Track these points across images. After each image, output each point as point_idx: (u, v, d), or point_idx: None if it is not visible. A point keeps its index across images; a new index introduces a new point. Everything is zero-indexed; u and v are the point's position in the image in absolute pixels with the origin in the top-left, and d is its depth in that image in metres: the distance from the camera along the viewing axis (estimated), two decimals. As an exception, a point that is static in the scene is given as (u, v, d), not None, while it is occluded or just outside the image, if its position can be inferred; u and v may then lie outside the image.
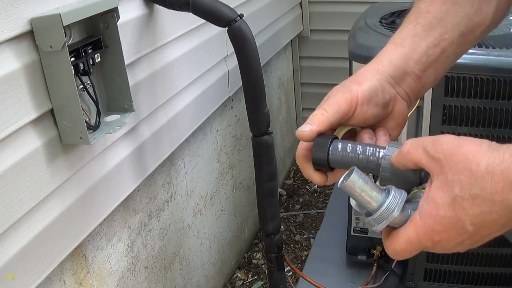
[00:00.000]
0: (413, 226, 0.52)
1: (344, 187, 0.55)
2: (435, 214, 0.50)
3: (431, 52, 0.63)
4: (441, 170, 0.50)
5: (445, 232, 0.51)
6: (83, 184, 1.08)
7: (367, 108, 0.61)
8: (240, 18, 1.21)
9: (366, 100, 0.61)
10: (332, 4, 2.59)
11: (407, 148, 0.54)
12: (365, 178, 0.55)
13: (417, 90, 0.65)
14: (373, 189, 0.55)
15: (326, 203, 2.50)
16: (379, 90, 0.62)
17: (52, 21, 0.88)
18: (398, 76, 0.63)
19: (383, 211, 0.54)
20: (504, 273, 1.49)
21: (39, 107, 0.93)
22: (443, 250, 0.53)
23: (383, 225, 0.54)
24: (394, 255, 0.56)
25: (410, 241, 0.53)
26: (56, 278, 1.08)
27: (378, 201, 0.55)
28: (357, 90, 0.61)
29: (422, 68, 0.64)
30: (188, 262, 1.73)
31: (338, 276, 1.76)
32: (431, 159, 0.52)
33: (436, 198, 0.50)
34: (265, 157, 1.36)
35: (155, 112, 1.35)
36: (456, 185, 0.49)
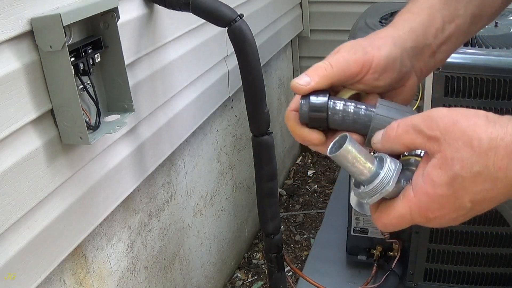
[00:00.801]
0: (407, 202, 0.49)
1: (335, 157, 0.50)
2: (432, 193, 0.47)
3: (446, 27, 0.60)
4: (438, 148, 0.47)
5: (440, 210, 0.48)
6: (83, 184, 1.08)
7: (379, 77, 0.56)
8: (240, 18, 1.21)
9: (380, 68, 0.55)
10: (332, 4, 2.59)
11: (395, 131, 0.50)
12: (358, 147, 0.50)
13: (429, 67, 0.62)
14: (366, 159, 0.50)
15: (326, 203, 2.49)
16: (397, 60, 0.57)
17: (52, 21, 0.88)
18: (418, 47, 0.59)
19: (377, 185, 0.49)
20: (504, 273, 1.49)
21: (39, 107, 0.93)
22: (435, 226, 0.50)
23: (375, 199, 0.50)
24: (382, 228, 0.52)
25: (402, 217, 0.50)
26: (56, 278, 1.08)
27: (371, 172, 0.50)
28: (373, 55, 0.55)
29: (438, 43, 0.60)
30: (188, 262, 1.73)
31: (338, 276, 1.76)
32: (426, 139, 0.47)
33: (433, 176, 0.47)
34: (265, 157, 1.36)
35: (155, 112, 1.35)
36: (456, 163, 0.45)
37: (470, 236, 1.45)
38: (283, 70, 2.65)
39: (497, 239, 1.44)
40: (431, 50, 0.60)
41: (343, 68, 0.54)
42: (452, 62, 1.27)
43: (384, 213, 0.51)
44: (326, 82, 0.54)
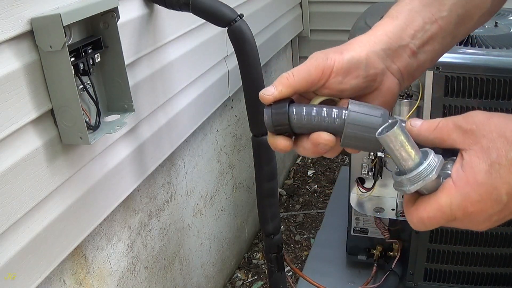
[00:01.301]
0: (447, 193, 0.50)
1: (383, 139, 0.51)
2: (473, 181, 0.48)
3: (428, 28, 0.60)
4: (475, 140, 0.49)
5: (480, 202, 0.49)
6: (83, 184, 1.08)
7: (343, 80, 0.57)
8: (240, 18, 1.21)
9: (342, 71, 0.57)
10: (332, 4, 2.59)
11: (436, 123, 0.52)
12: (407, 134, 0.51)
13: (412, 68, 0.62)
14: (413, 147, 0.51)
15: (326, 203, 2.49)
16: (362, 63, 0.58)
17: (52, 21, 0.88)
18: (391, 49, 0.60)
19: (421, 171, 0.50)
20: (504, 273, 1.49)
21: (39, 107, 0.93)
22: (470, 224, 0.51)
23: (417, 187, 0.51)
24: (418, 224, 0.52)
25: (442, 209, 0.50)
26: (56, 278, 1.08)
27: (415, 161, 0.51)
28: (334, 59, 0.57)
29: (418, 44, 0.61)
30: (188, 262, 1.73)
31: (338, 276, 1.76)
32: (462, 132, 0.50)
33: (472, 164, 0.49)
34: (265, 157, 1.36)
35: (155, 112, 1.35)
36: (492, 152, 0.48)
37: (470, 236, 1.45)
38: (283, 70, 2.65)
39: (497, 239, 1.44)
40: (410, 51, 0.61)
41: (304, 76, 0.57)
42: (452, 62, 1.27)
43: (421, 206, 0.51)
44: (288, 90, 0.57)
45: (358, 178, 1.61)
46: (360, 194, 1.62)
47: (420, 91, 1.33)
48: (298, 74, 0.57)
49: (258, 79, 1.27)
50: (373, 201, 1.62)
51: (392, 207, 1.59)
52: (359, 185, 1.61)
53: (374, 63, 0.59)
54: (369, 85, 0.60)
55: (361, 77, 0.58)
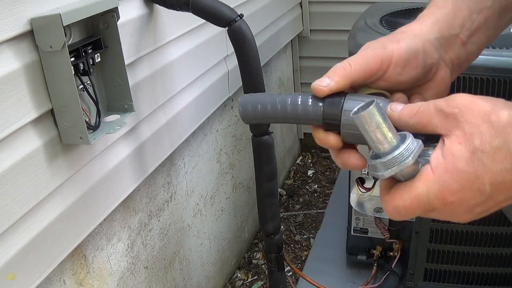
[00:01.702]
0: (424, 181, 0.46)
1: (358, 118, 0.47)
2: (452, 168, 0.45)
3: (474, 18, 0.58)
4: (456, 125, 0.46)
5: (460, 192, 0.45)
6: (83, 184, 1.08)
7: (402, 71, 0.54)
8: (240, 18, 1.21)
9: (402, 61, 0.54)
10: (332, 4, 2.59)
11: (417, 107, 0.49)
12: (384, 115, 0.48)
13: (461, 58, 0.59)
14: (389, 129, 0.47)
15: (326, 203, 2.50)
16: (420, 52, 0.55)
17: (52, 21, 0.88)
18: (444, 37, 0.57)
19: (396, 156, 0.47)
20: (504, 273, 1.49)
21: (39, 107, 0.93)
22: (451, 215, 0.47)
23: (391, 172, 0.47)
24: (393, 213, 0.49)
25: (418, 198, 0.46)
26: (56, 278, 1.08)
27: (391, 144, 0.47)
28: (393, 49, 0.54)
29: (467, 34, 0.58)
30: (188, 262, 1.73)
31: (338, 276, 1.76)
32: (444, 117, 0.47)
33: (453, 150, 0.45)
34: (265, 157, 1.36)
35: (155, 112, 1.35)
36: (476, 138, 0.44)
37: (470, 236, 1.45)
38: (283, 70, 2.65)
39: (497, 239, 1.44)
40: (461, 41, 0.58)
41: (362, 66, 0.53)
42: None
43: (397, 194, 0.48)
44: (345, 82, 0.53)
45: (358, 178, 1.61)
46: (360, 194, 1.62)
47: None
48: (355, 64, 0.53)
49: (258, 79, 1.27)
50: (373, 201, 1.62)
51: (392, 207, 1.58)
52: (359, 185, 1.61)
53: (430, 53, 0.56)
54: (425, 77, 0.57)
55: (420, 67, 0.55)
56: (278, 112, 0.54)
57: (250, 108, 0.55)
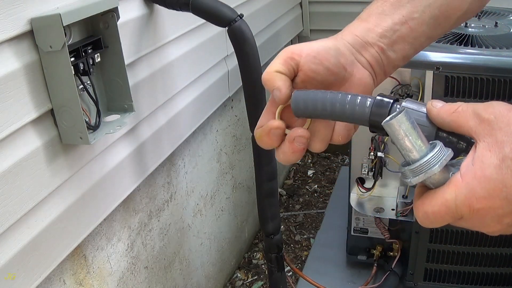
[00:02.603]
0: (453, 187, 0.47)
1: (387, 126, 0.50)
2: (480, 175, 0.46)
3: (397, 28, 0.61)
4: (490, 131, 0.47)
5: (487, 199, 0.46)
6: (83, 184, 1.08)
7: (314, 60, 0.58)
8: (240, 18, 1.21)
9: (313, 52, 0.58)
10: (332, 4, 2.59)
11: (456, 107, 0.50)
12: (414, 123, 0.49)
13: (382, 63, 0.62)
14: (418, 137, 0.49)
15: (326, 203, 2.49)
16: (331, 50, 0.59)
17: (52, 21, 0.88)
18: (358, 44, 0.61)
19: (424, 163, 0.48)
20: (504, 273, 1.49)
21: (39, 107, 0.93)
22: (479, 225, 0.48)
23: (419, 179, 0.49)
24: (423, 219, 0.50)
25: (446, 204, 0.47)
26: (56, 278, 1.08)
27: (421, 152, 0.49)
28: (302, 45, 0.59)
29: (387, 42, 0.61)
30: (188, 262, 1.73)
31: (338, 276, 1.76)
32: (479, 121, 0.48)
33: (483, 157, 0.46)
34: (265, 157, 1.36)
35: (155, 112, 1.35)
36: (506, 146, 0.45)
37: (470, 236, 1.45)
38: (283, 70, 2.65)
39: (497, 239, 1.44)
40: (378, 47, 0.62)
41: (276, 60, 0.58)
42: (452, 62, 1.27)
43: (427, 200, 0.49)
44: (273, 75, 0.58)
45: (358, 178, 1.61)
46: (360, 194, 1.62)
47: (420, 91, 1.33)
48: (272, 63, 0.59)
49: (258, 79, 1.27)
50: (373, 201, 1.62)
51: (392, 207, 1.59)
52: (359, 185, 1.61)
53: (343, 53, 0.60)
54: (340, 73, 0.60)
55: (331, 61, 0.59)
56: (327, 110, 0.56)
57: (302, 105, 0.57)
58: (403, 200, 1.58)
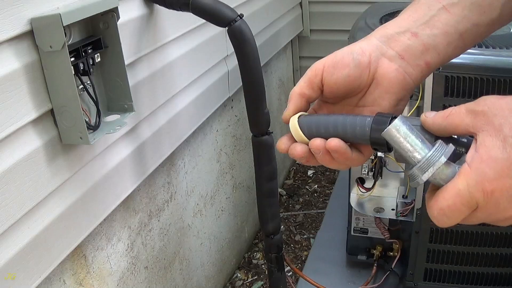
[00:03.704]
0: (463, 176, 0.48)
1: (386, 134, 0.52)
2: (486, 157, 0.47)
3: (434, 13, 0.59)
4: (486, 120, 0.48)
5: (498, 180, 0.46)
6: (83, 184, 1.08)
7: (334, 70, 0.59)
8: (240, 18, 1.21)
9: (332, 63, 0.59)
10: (332, 4, 2.60)
11: (449, 111, 0.52)
12: (411, 127, 0.51)
13: (416, 50, 0.60)
14: (418, 137, 0.51)
15: (326, 203, 2.50)
16: (353, 53, 0.59)
17: (52, 21, 0.87)
18: (386, 36, 0.60)
19: (429, 157, 0.50)
20: (504, 273, 1.49)
21: (39, 107, 0.93)
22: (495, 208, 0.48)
23: (429, 174, 0.50)
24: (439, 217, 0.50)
25: (460, 194, 0.48)
26: (56, 278, 1.08)
27: (423, 151, 0.51)
28: (327, 57, 0.60)
29: (421, 27, 0.59)
30: (188, 262, 1.73)
31: (338, 276, 1.76)
32: (475, 116, 0.49)
33: (485, 143, 0.48)
34: (265, 157, 1.36)
35: (155, 112, 1.35)
36: (505, 127, 0.47)
37: (470, 236, 1.45)
38: (283, 70, 2.66)
39: (497, 239, 1.44)
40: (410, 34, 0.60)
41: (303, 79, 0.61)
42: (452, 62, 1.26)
43: (440, 196, 0.50)
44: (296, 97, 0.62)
45: (358, 178, 1.61)
46: (360, 194, 1.62)
47: (420, 91, 1.33)
48: (301, 81, 0.61)
49: (258, 79, 1.27)
50: (373, 201, 1.62)
51: (392, 207, 1.59)
52: (359, 185, 1.61)
53: (366, 51, 0.60)
54: (363, 74, 0.59)
55: (351, 66, 0.59)
56: (330, 133, 0.58)
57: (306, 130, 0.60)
58: (403, 200, 1.58)
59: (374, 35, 0.61)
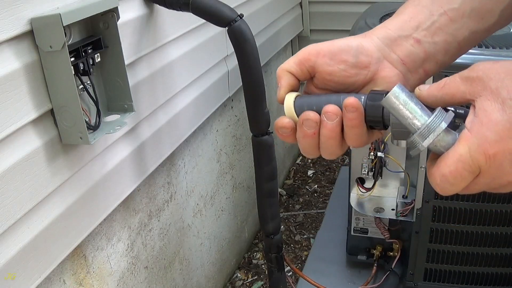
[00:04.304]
0: (463, 141, 0.47)
1: (385, 101, 0.51)
2: (487, 121, 0.47)
3: (435, 19, 0.59)
4: (483, 85, 0.48)
5: (499, 142, 0.46)
6: (83, 184, 1.08)
7: (330, 61, 0.58)
8: (240, 18, 1.21)
9: (329, 53, 0.58)
10: (332, 4, 2.60)
11: (443, 81, 0.51)
12: (409, 93, 0.51)
13: (417, 58, 0.60)
14: (418, 104, 0.51)
15: (326, 203, 2.50)
16: (352, 48, 0.58)
17: (52, 21, 0.87)
18: (389, 38, 0.59)
19: (430, 123, 0.49)
20: (504, 273, 1.49)
21: (39, 107, 0.93)
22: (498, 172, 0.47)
23: (429, 140, 0.49)
24: (441, 184, 0.50)
25: (461, 159, 0.47)
26: (56, 278, 1.08)
27: (423, 117, 0.50)
28: (323, 44, 0.59)
29: (424, 34, 0.59)
30: (188, 262, 1.73)
31: (338, 276, 1.76)
32: (470, 82, 0.49)
33: (484, 107, 0.47)
34: (265, 157, 1.36)
35: (155, 112, 1.35)
36: (502, 90, 0.47)
37: (470, 236, 1.45)
38: (283, 70, 2.65)
39: (497, 239, 1.44)
40: (413, 40, 0.59)
41: (293, 58, 0.59)
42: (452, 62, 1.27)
43: (442, 162, 0.49)
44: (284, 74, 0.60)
45: (358, 178, 1.61)
46: (360, 194, 1.62)
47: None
48: (290, 61, 0.60)
49: (258, 79, 1.27)
50: (373, 201, 1.62)
51: (392, 207, 1.59)
52: (359, 185, 1.61)
53: (367, 51, 0.59)
54: (360, 73, 0.59)
55: (349, 62, 0.58)
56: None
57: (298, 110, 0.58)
58: (403, 200, 1.58)
59: (376, 34, 0.60)
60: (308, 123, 0.56)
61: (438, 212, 1.45)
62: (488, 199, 1.39)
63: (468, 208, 1.41)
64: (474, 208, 1.41)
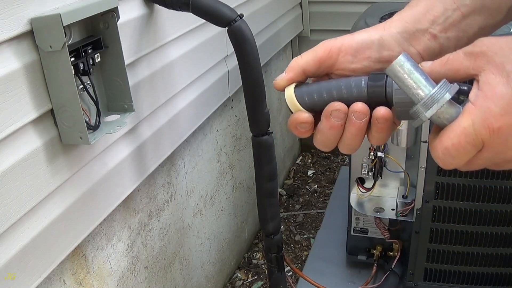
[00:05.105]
0: (467, 114, 0.47)
1: (389, 70, 0.50)
2: (491, 94, 0.46)
3: (449, 14, 0.59)
4: (487, 60, 0.47)
5: (504, 116, 0.45)
6: (83, 184, 1.08)
7: (353, 59, 0.57)
8: (240, 18, 1.21)
9: (352, 50, 0.57)
10: (332, 4, 2.60)
11: (446, 57, 0.51)
12: (415, 63, 0.50)
13: (434, 52, 0.59)
14: (423, 74, 0.50)
15: (326, 203, 2.50)
16: (374, 43, 0.57)
17: (52, 21, 0.88)
18: (408, 32, 0.59)
19: (434, 94, 0.48)
20: (504, 273, 1.49)
21: (39, 107, 0.93)
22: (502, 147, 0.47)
23: (433, 111, 0.48)
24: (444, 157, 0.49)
25: (465, 132, 0.46)
26: (56, 278, 1.08)
27: (427, 87, 0.49)
28: (343, 40, 0.57)
29: (439, 29, 0.59)
30: (188, 262, 1.73)
31: (338, 276, 1.76)
32: (474, 57, 0.48)
33: (489, 81, 0.46)
34: (265, 157, 1.36)
35: (155, 112, 1.35)
36: (507, 64, 0.46)
37: (470, 236, 1.45)
38: (283, 70, 2.64)
39: (497, 239, 1.44)
40: (430, 35, 0.59)
41: (311, 55, 0.58)
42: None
43: (445, 135, 0.48)
44: (296, 71, 0.58)
45: (358, 178, 1.61)
46: (360, 194, 1.62)
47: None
48: (306, 54, 0.58)
49: (258, 79, 1.27)
50: (373, 201, 1.62)
51: (392, 207, 1.59)
52: (359, 185, 1.61)
53: (389, 45, 0.58)
54: (383, 67, 0.58)
55: (373, 58, 0.57)
56: (325, 98, 0.56)
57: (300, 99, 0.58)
58: (403, 200, 1.58)
59: (394, 26, 0.59)
60: (337, 114, 0.55)
61: (438, 212, 1.45)
62: (488, 199, 1.39)
63: (468, 208, 1.41)
64: (474, 208, 1.41)
